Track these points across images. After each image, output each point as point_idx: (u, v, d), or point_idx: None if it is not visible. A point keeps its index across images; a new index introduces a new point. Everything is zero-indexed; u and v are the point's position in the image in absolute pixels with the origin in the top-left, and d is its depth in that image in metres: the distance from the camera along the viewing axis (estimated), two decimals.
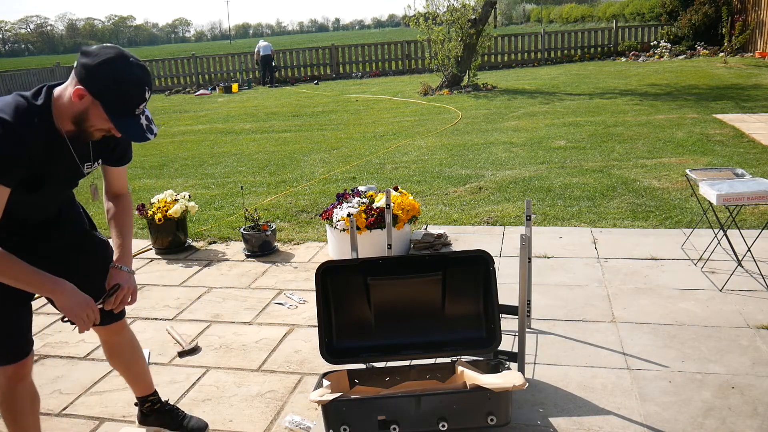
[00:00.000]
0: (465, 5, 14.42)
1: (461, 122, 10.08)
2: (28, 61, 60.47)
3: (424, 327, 2.85)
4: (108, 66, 1.81)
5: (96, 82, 1.81)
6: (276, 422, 2.69)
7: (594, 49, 20.30)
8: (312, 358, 3.18)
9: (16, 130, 1.79)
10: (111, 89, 1.82)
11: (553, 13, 45.11)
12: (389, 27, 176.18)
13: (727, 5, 18.09)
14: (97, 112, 1.85)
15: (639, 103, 10.54)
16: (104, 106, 1.83)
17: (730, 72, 13.95)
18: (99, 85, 1.81)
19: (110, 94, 1.82)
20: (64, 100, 1.87)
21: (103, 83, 1.81)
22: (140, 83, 1.86)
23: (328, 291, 2.83)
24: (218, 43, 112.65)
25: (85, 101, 1.83)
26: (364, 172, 7.13)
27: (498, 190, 5.97)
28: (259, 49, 20.30)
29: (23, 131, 1.81)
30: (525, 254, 2.74)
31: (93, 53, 1.83)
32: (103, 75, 1.81)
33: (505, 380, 2.40)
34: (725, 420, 2.48)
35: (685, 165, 6.32)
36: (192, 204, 4.98)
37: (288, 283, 4.21)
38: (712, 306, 3.43)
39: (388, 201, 3.59)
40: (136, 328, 3.70)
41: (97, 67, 1.81)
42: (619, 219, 4.94)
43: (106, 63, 1.81)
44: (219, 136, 10.67)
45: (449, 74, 14.80)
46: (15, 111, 1.82)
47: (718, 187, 3.64)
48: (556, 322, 3.37)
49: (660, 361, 2.93)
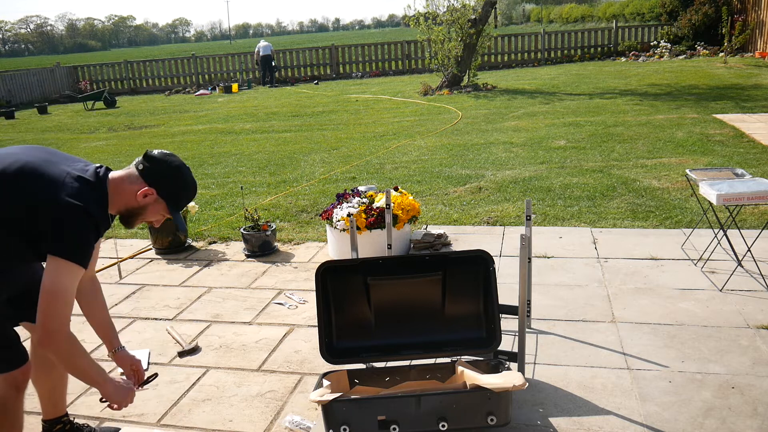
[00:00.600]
0: (465, 5, 14.42)
1: (461, 122, 10.08)
2: (28, 61, 60.50)
3: (424, 327, 2.85)
4: (176, 173, 2.14)
5: (165, 185, 2.11)
6: (276, 422, 2.69)
7: (594, 49, 20.30)
8: (312, 358, 3.18)
9: (94, 219, 2.00)
10: (177, 193, 2.15)
11: (553, 13, 45.10)
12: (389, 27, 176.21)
13: (727, 5, 18.08)
14: (156, 208, 2.14)
15: (639, 103, 10.54)
16: (169, 205, 2.14)
17: (730, 72, 13.95)
18: (168, 189, 2.12)
19: (176, 196, 2.15)
20: (125, 193, 2.09)
21: (172, 188, 2.14)
22: (195, 186, 2.22)
23: (328, 291, 2.83)
24: (218, 43, 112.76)
25: (149, 199, 2.10)
26: (364, 172, 7.13)
27: (498, 190, 5.97)
28: (259, 49, 20.31)
29: (98, 220, 2.02)
30: (525, 254, 2.74)
31: (161, 160, 2.12)
32: (171, 180, 2.13)
33: (505, 380, 2.40)
34: (725, 420, 2.48)
35: (685, 165, 6.32)
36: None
37: (288, 283, 4.21)
38: (712, 306, 3.43)
39: (388, 201, 3.59)
40: (137, 328, 3.70)
41: (167, 172, 2.12)
42: (619, 219, 4.94)
43: (175, 170, 2.14)
44: (219, 136, 10.67)
45: (449, 74, 14.80)
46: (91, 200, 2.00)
47: (718, 187, 3.64)
48: (556, 322, 3.37)
49: (660, 361, 2.93)
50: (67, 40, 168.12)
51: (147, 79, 22.28)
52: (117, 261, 4.80)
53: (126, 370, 2.40)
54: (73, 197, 1.94)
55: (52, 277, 1.92)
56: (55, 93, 21.35)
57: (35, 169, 1.98)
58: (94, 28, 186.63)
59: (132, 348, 3.43)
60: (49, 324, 1.93)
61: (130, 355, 2.43)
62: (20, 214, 1.93)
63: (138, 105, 17.49)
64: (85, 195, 1.97)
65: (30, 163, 1.99)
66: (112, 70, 22.44)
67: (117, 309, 3.96)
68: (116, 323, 3.72)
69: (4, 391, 2.18)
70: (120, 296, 4.16)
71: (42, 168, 1.99)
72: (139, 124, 13.35)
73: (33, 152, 2.08)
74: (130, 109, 16.60)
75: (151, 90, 21.95)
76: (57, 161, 2.05)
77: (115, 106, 17.60)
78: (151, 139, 11.05)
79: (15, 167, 1.97)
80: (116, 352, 2.41)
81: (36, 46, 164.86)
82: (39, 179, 1.96)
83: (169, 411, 2.83)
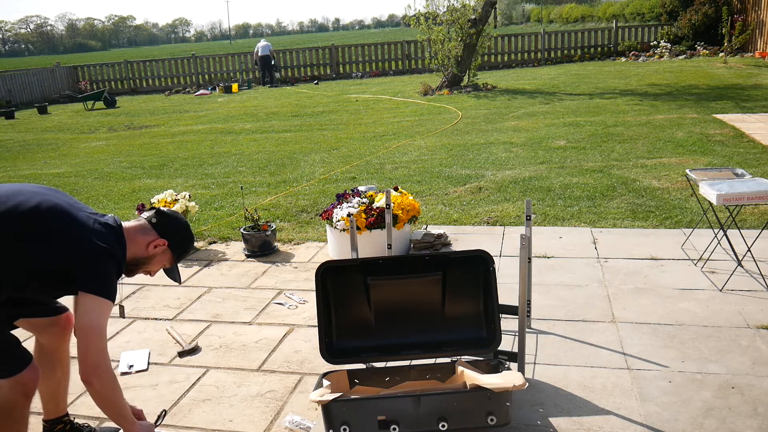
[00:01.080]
0: (465, 5, 14.42)
1: (461, 122, 10.08)
2: (28, 61, 60.50)
3: (424, 327, 2.85)
4: (185, 228, 2.41)
5: (177, 238, 2.36)
6: (276, 422, 2.69)
7: (594, 49, 20.30)
8: (312, 358, 3.18)
9: (118, 261, 2.18)
10: (184, 246, 2.41)
11: (553, 13, 45.06)
12: (389, 27, 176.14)
13: (727, 5, 18.08)
14: (162, 259, 2.35)
15: (639, 103, 10.54)
16: (176, 256, 2.38)
17: (730, 72, 13.95)
18: (178, 241, 2.36)
19: (183, 249, 2.41)
20: (137, 243, 2.28)
21: (181, 240, 2.38)
22: (190, 233, 2.45)
23: (328, 291, 2.83)
24: (218, 43, 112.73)
25: (159, 250, 2.31)
26: (364, 172, 7.13)
27: (498, 190, 5.97)
28: (257, 49, 20.31)
29: (120, 263, 2.21)
30: (525, 254, 2.74)
31: (173, 216, 2.38)
32: (182, 234, 2.39)
33: (505, 380, 2.40)
34: (725, 420, 2.48)
35: (685, 165, 6.32)
36: (192, 204, 4.98)
37: (288, 283, 4.21)
38: (712, 306, 3.43)
39: (388, 201, 3.59)
40: (137, 327, 3.70)
41: (179, 227, 2.38)
42: (619, 219, 4.94)
43: (184, 225, 2.41)
44: (219, 136, 10.67)
45: (449, 74, 14.80)
46: (116, 245, 2.18)
47: (718, 187, 3.64)
48: (556, 322, 3.37)
49: (660, 361, 2.93)
50: (67, 40, 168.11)
51: (147, 79, 22.28)
52: None
53: None
54: (102, 241, 2.12)
55: (89, 314, 2.08)
56: (55, 93, 21.35)
57: (65, 211, 2.15)
58: (94, 28, 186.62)
59: (132, 348, 3.44)
60: (92, 359, 2.08)
61: None
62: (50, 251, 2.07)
63: (138, 105, 17.49)
64: (112, 240, 2.17)
65: (59, 205, 2.16)
66: (112, 70, 22.44)
67: (117, 309, 3.95)
68: (116, 323, 3.74)
69: (12, 396, 2.18)
70: (120, 296, 4.16)
71: (71, 212, 2.16)
72: (139, 124, 13.35)
73: (57, 194, 2.24)
74: (130, 109, 16.60)
75: (151, 90, 21.95)
76: (79, 207, 2.24)
77: (115, 106, 17.60)
78: (151, 139, 11.05)
79: (46, 206, 2.12)
80: None
81: (36, 46, 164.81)
82: (71, 222, 2.13)
83: (169, 411, 2.82)
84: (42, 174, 8.40)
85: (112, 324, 3.73)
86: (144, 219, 2.33)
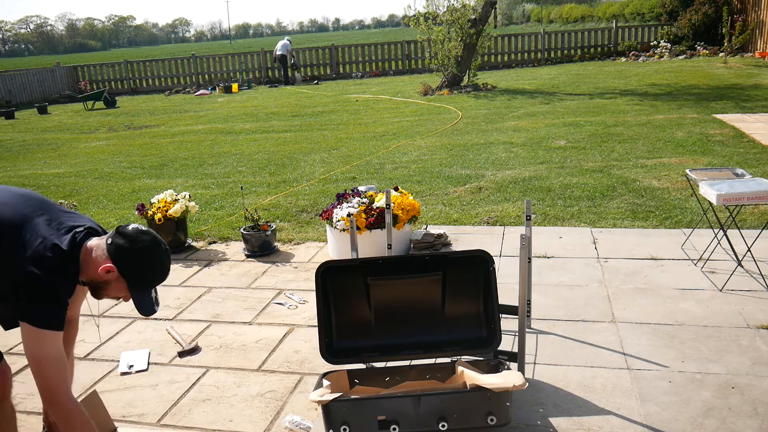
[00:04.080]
0: (465, 5, 14.41)
1: (461, 122, 10.08)
2: (28, 61, 60.49)
3: (424, 327, 2.85)
4: (143, 254, 2.02)
5: (128, 265, 2.01)
6: (276, 422, 2.69)
7: (594, 49, 20.29)
8: (312, 358, 3.17)
9: (55, 291, 1.95)
10: (140, 274, 2.04)
11: (553, 13, 45.03)
12: (389, 27, 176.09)
13: (727, 5, 18.07)
14: (118, 286, 2.05)
15: (639, 103, 10.54)
16: (129, 284, 2.04)
17: (730, 72, 13.95)
18: (130, 269, 2.01)
19: (137, 277, 2.04)
20: (91, 264, 2.02)
21: (134, 268, 2.02)
22: (165, 270, 2.10)
23: (328, 291, 2.83)
24: (218, 43, 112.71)
25: (110, 276, 2.02)
26: (364, 172, 7.13)
27: (498, 190, 5.97)
28: (276, 48, 20.41)
29: (59, 291, 1.97)
30: (525, 254, 2.74)
31: (131, 237, 2.02)
32: (136, 261, 2.02)
33: (505, 380, 2.40)
34: (725, 420, 2.48)
35: (685, 165, 6.32)
36: (192, 204, 4.98)
37: (288, 283, 4.21)
38: (712, 306, 3.43)
39: (388, 201, 3.59)
40: (136, 327, 3.70)
41: (132, 252, 2.01)
42: (619, 219, 4.94)
43: (141, 251, 2.02)
44: (219, 136, 10.66)
45: (449, 74, 14.80)
46: (57, 271, 1.95)
47: (718, 187, 3.64)
48: (556, 322, 3.37)
49: (660, 361, 2.93)
50: (67, 40, 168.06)
51: (147, 79, 22.28)
52: None
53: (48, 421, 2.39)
54: (39, 265, 1.92)
55: (28, 345, 1.94)
56: (55, 93, 21.35)
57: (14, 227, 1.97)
58: (94, 28, 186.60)
59: (132, 348, 3.43)
60: (44, 389, 1.97)
61: None
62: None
63: (138, 105, 17.49)
64: (52, 265, 1.94)
65: (12, 220, 1.98)
66: (112, 70, 22.43)
67: (117, 309, 3.96)
68: (116, 323, 3.74)
69: None
70: (99, 309, 4.16)
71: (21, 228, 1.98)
72: (139, 124, 13.34)
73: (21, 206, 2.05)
74: (130, 109, 16.60)
75: (151, 90, 21.95)
76: (39, 222, 2.01)
77: (115, 106, 17.60)
78: (151, 139, 11.05)
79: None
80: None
81: (36, 46, 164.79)
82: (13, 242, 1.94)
83: (169, 411, 2.82)
84: (42, 174, 8.40)
85: (112, 324, 3.74)
86: (104, 238, 2.06)
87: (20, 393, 2.96)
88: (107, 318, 3.82)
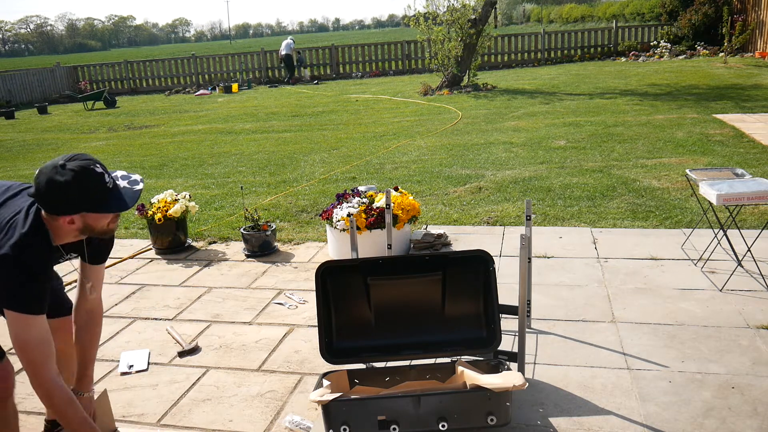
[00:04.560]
0: (465, 5, 14.41)
1: (461, 122, 10.08)
2: (28, 61, 60.50)
3: (424, 327, 2.85)
4: (63, 190, 1.91)
5: (68, 206, 1.94)
6: (276, 422, 2.69)
7: (594, 49, 20.30)
8: (312, 358, 3.17)
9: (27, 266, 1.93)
10: (91, 199, 1.96)
11: (553, 13, 45.01)
12: (389, 27, 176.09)
13: (727, 5, 18.07)
14: (92, 217, 2.00)
15: (639, 103, 10.54)
16: (95, 210, 1.99)
17: (730, 72, 13.95)
18: (79, 205, 1.95)
19: (86, 202, 1.96)
20: (59, 227, 2.01)
21: (81, 201, 1.95)
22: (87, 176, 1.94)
23: (328, 291, 2.83)
24: (218, 43, 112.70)
25: (78, 222, 1.99)
26: (364, 172, 7.13)
27: (498, 190, 5.97)
28: (281, 47, 20.45)
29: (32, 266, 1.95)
30: (525, 254, 2.74)
31: (42, 189, 1.92)
32: (66, 198, 1.93)
33: (505, 380, 2.40)
34: (725, 420, 2.48)
35: (685, 165, 6.32)
36: (192, 204, 4.98)
37: (288, 283, 4.21)
38: (712, 306, 3.43)
39: (388, 201, 3.59)
40: (136, 327, 3.70)
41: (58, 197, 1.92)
42: (619, 219, 4.94)
43: (60, 190, 1.91)
44: (219, 136, 10.67)
45: (449, 74, 14.80)
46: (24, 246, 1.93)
47: (718, 187, 3.64)
48: (556, 322, 3.37)
49: (660, 361, 2.93)
50: (67, 40, 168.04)
51: (147, 79, 22.28)
52: (117, 261, 4.81)
53: None
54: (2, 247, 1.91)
55: (12, 331, 1.96)
56: (55, 93, 21.35)
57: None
58: (94, 28, 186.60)
59: (132, 348, 3.43)
60: (29, 371, 1.99)
61: (85, 406, 2.30)
62: None
63: (138, 105, 17.49)
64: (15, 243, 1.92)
65: None
66: (112, 70, 22.44)
67: (117, 309, 3.96)
68: (116, 323, 3.74)
69: None
70: (120, 296, 4.16)
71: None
72: (139, 124, 13.34)
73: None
74: (130, 109, 16.60)
75: (151, 90, 21.95)
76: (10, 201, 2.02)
77: (115, 106, 17.60)
78: (151, 139, 11.05)
79: None
80: (79, 396, 2.34)
81: (36, 46, 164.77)
82: None
83: (169, 411, 2.83)
84: None
85: (112, 324, 3.74)
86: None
87: (20, 393, 2.96)
88: (107, 318, 3.82)
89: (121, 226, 5.69)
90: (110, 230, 2.10)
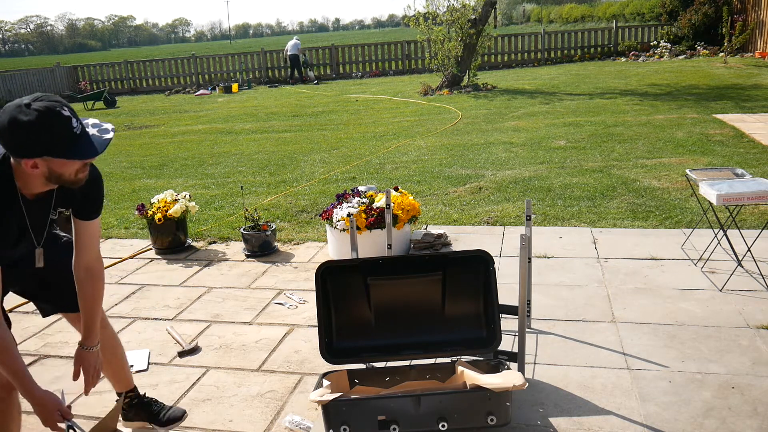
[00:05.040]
0: (465, 5, 14.42)
1: (461, 122, 10.08)
2: (28, 61, 60.49)
3: (424, 327, 2.85)
4: (25, 130, 1.78)
5: (30, 149, 1.82)
6: (276, 422, 2.69)
7: (594, 49, 20.30)
8: (312, 358, 3.18)
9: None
10: (57, 144, 1.82)
11: (553, 13, 45.01)
12: (389, 27, 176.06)
13: (727, 5, 18.07)
14: (57, 162, 1.87)
15: (639, 103, 10.54)
16: (61, 156, 1.85)
17: (730, 72, 13.95)
18: (36, 148, 1.82)
19: (49, 146, 1.82)
20: (23, 170, 1.89)
21: (36, 144, 1.81)
22: (52, 117, 1.82)
23: (328, 291, 2.83)
24: (218, 43, 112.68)
25: (42, 167, 1.86)
26: (364, 172, 7.13)
27: (498, 190, 5.97)
28: (287, 47, 20.46)
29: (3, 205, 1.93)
30: (525, 254, 2.74)
31: (3, 128, 1.80)
32: (27, 139, 1.80)
33: (505, 380, 2.40)
34: (725, 420, 2.48)
35: (685, 165, 6.32)
36: (192, 204, 4.98)
37: (288, 283, 4.21)
38: (712, 306, 3.43)
39: (388, 201, 3.59)
40: (136, 327, 3.70)
41: (19, 138, 1.80)
42: (619, 219, 4.94)
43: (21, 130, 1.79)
44: (219, 136, 10.67)
45: (449, 74, 14.80)
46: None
47: (718, 187, 3.64)
48: (556, 322, 3.37)
49: (660, 361, 2.93)
50: (67, 40, 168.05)
51: (147, 79, 22.28)
52: (117, 261, 4.81)
53: (76, 368, 2.28)
54: None
55: None
56: (55, 93, 21.30)
57: None
58: (94, 28, 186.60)
59: (132, 348, 3.43)
60: None
61: (92, 360, 2.28)
62: None
63: (138, 105, 17.49)
64: None
65: None
66: (112, 70, 22.44)
67: (117, 309, 3.96)
68: (116, 323, 3.74)
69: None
70: (120, 296, 4.16)
71: None
72: (139, 124, 13.34)
73: None
74: (130, 109, 16.60)
75: (151, 90, 21.95)
76: None
77: (115, 106, 17.60)
78: (151, 139, 11.05)
79: None
80: (81, 348, 2.28)
81: (36, 46, 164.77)
82: None
83: None
84: None
85: (112, 324, 3.72)
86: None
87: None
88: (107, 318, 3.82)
89: (121, 226, 5.69)
90: (79, 180, 1.97)
